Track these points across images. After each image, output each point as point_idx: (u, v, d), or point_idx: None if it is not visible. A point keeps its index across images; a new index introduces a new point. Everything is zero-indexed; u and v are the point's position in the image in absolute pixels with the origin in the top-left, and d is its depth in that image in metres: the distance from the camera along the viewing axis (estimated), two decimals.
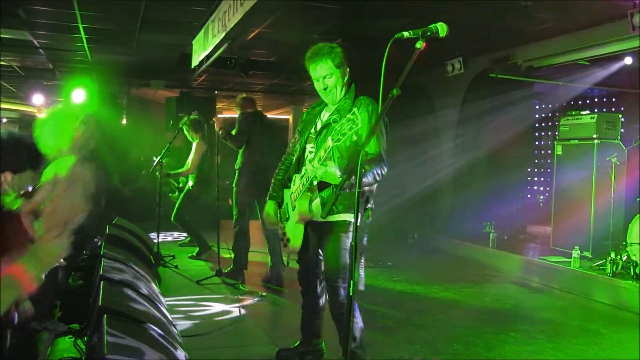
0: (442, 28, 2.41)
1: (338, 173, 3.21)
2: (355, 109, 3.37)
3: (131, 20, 7.42)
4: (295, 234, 3.63)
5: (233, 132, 6.59)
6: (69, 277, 5.11)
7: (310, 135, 3.67)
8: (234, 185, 6.64)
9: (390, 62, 2.41)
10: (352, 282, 2.22)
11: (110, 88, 12.34)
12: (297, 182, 3.60)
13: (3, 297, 1.61)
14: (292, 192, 3.68)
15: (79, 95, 9.71)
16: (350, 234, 3.46)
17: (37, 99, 11.96)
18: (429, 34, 2.40)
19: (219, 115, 7.07)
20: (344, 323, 2.79)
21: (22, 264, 1.68)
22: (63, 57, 10.34)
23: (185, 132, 7.97)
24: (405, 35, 2.39)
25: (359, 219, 2.63)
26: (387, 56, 2.38)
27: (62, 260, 4.75)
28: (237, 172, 6.64)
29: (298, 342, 4.07)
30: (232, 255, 6.57)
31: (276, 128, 7.53)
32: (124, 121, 14.12)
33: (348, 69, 3.59)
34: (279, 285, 6.31)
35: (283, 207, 3.80)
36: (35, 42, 8.80)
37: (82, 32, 8.06)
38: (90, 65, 10.74)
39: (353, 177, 2.87)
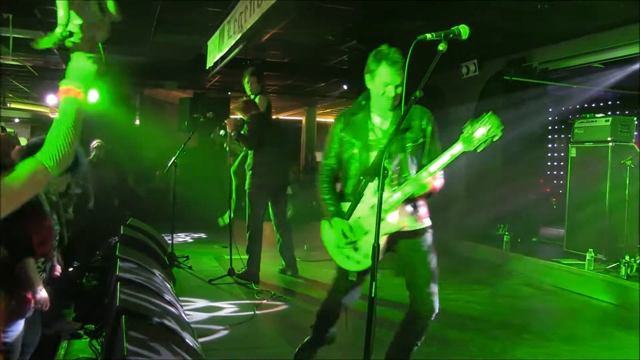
0: (464, 30, 2.42)
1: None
2: (417, 119, 3.28)
3: (146, 20, 7.46)
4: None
5: (242, 132, 6.61)
6: (83, 278, 5.13)
7: (369, 142, 3.31)
8: (246, 186, 6.67)
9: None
10: (374, 283, 2.22)
11: (123, 89, 12.41)
12: (371, 193, 3.10)
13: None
14: (372, 205, 3.18)
15: (92, 95, 9.76)
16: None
17: (51, 99, 12.04)
18: (451, 35, 2.42)
19: (231, 117, 7.02)
20: (367, 327, 2.55)
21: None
22: None
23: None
24: (428, 37, 2.41)
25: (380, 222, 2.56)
26: (410, 58, 2.39)
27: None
28: (249, 172, 6.68)
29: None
30: (246, 256, 6.60)
31: (284, 128, 7.49)
32: (137, 122, 14.21)
33: None
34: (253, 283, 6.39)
35: (354, 224, 3.33)
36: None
37: None
38: (104, 65, 10.79)
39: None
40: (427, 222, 3.37)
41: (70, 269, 5.21)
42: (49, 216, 3.38)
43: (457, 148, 2.98)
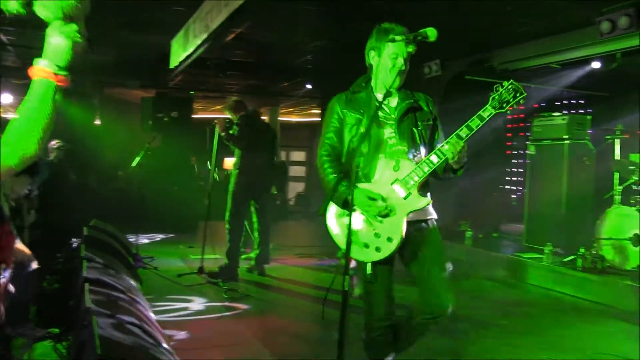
0: (432, 33, 2.50)
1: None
2: (422, 101, 3.20)
3: (108, 19, 7.37)
4: (401, 230, 2.98)
5: (231, 132, 6.72)
6: (44, 281, 5.05)
7: (381, 119, 3.09)
8: (231, 185, 6.77)
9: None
10: (347, 276, 2.27)
11: (83, 87, 12.20)
12: (405, 167, 3.01)
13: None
14: (396, 179, 3.01)
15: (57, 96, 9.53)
16: None
17: (6, 98, 11.76)
18: (419, 38, 2.48)
19: (218, 117, 7.10)
20: (339, 323, 2.45)
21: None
22: (33, 55, 10.17)
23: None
24: (397, 39, 2.45)
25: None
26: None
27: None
28: (235, 171, 6.80)
29: None
30: (215, 256, 6.66)
31: (270, 129, 7.52)
32: (98, 121, 13.98)
33: None
34: (228, 282, 6.43)
35: (379, 202, 3.00)
36: (4, 38, 8.67)
37: None
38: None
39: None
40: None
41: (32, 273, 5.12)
42: (9, 221, 3.33)
43: (487, 113, 2.97)
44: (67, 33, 1.57)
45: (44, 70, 1.54)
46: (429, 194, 3.10)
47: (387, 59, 3.01)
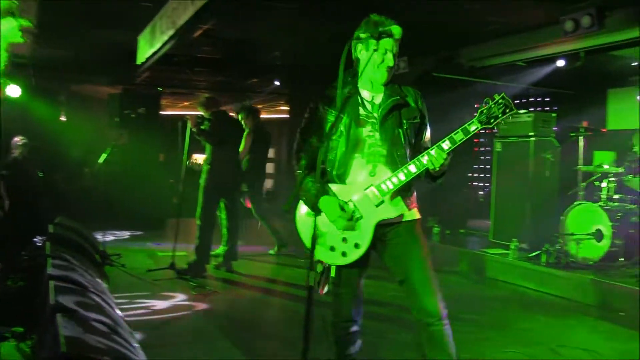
0: (396, 30, 2.50)
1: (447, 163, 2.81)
2: (411, 98, 3.00)
3: (73, 13, 7.27)
4: (369, 237, 2.88)
5: (203, 128, 6.67)
6: (7, 280, 4.98)
7: (361, 117, 2.93)
8: (202, 181, 6.75)
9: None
10: (311, 272, 2.27)
11: (48, 83, 12.00)
12: (381, 173, 2.87)
13: None
14: (371, 185, 2.87)
15: (14, 90, 9.35)
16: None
17: None
18: (384, 36, 2.48)
19: (191, 113, 7.16)
20: (304, 319, 2.39)
21: None
22: None
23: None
24: (362, 37, 2.45)
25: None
26: (338, 57, 2.41)
27: None
28: (206, 167, 6.79)
29: None
30: (183, 253, 6.65)
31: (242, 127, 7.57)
32: (64, 118, 13.77)
33: None
34: (196, 278, 6.44)
35: (347, 206, 2.89)
36: None
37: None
38: (27, 59, 10.43)
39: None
40: (417, 213, 3.04)
41: None
42: None
43: (473, 127, 2.79)
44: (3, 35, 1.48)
45: None
46: (408, 200, 2.93)
47: (376, 54, 2.85)
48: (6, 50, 1.38)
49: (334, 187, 2.88)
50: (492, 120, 2.76)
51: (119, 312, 3.90)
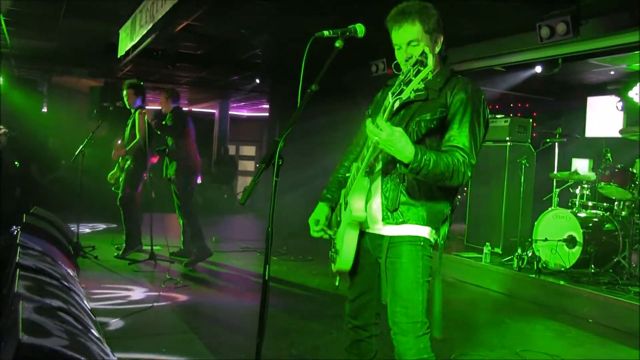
0: (360, 29, 2.51)
1: (409, 149, 2.24)
2: (448, 90, 2.49)
3: (55, 4, 7.24)
4: (344, 244, 2.60)
5: (164, 123, 6.83)
6: None
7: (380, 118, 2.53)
8: (176, 175, 6.92)
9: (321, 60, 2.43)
10: (267, 266, 2.28)
11: (30, 75, 11.94)
12: (352, 172, 2.64)
13: None
14: (347, 187, 2.68)
15: None
16: (427, 258, 2.55)
17: None
18: (347, 34, 2.49)
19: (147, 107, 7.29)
20: (260, 312, 2.28)
21: None
22: None
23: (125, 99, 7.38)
24: (325, 34, 2.46)
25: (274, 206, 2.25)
26: (308, 54, 2.42)
27: None
28: (175, 162, 6.95)
29: None
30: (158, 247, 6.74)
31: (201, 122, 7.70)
32: (45, 109, 13.69)
33: (442, 38, 2.68)
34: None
35: (336, 210, 2.82)
36: None
37: None
38: (8, 49, 10.36)
39: (431, 168, 2.28)
40: (419, 230, 2.52)
41: None
42: None
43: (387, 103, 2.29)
44: None
45: None
46: (402, 212, 2.50)
47: (395, 49, 2.64)
48: None
49: (343, 191, 2.75)
50: (404, 88, 2.14)
51: (85, 302, 3.91)
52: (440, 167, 2.32)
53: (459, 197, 2.85)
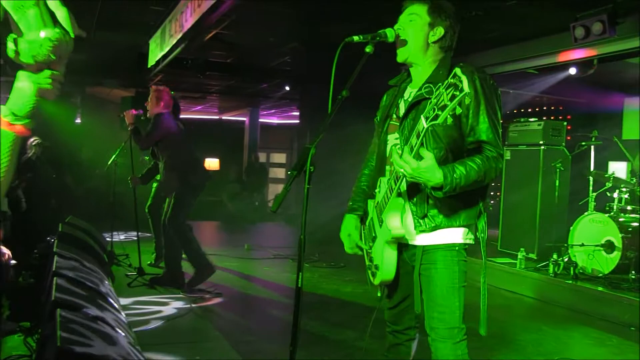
0: (390, 34, 2.49)
1: (437, 176, 2.23)
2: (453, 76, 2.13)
3: (87, 18, 7.38)
4: (384, 260, 2.55)
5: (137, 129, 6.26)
6: (19, 276, 5.06)
7: (391, 122, 2.62)
8: (176, 186, 6.15)
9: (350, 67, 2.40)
10: (300, 273, 2.27)
11: (63, 86, 12.15)
12: (383, 189, 2.56)
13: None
14: (377, 202, 2.62)
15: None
16: (463, 263, 2.56)
17: None
18: (377, 38, 2.47)
19: (132, 110, 6.52)
20: (293, 320, 2.25)
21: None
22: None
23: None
24: (355, 40, 2.44)
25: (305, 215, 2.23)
26: (339, 60, 2.41)
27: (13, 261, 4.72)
28: (174, 172, 6.18)
29: None
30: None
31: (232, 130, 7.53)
32: (79, 120, 13.94)
33: (452, 32, 2.54)
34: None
35: (367, 223, 2.74)
36: None
37: None
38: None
39: (464, 183, 2.28)
40: (453, 236, 2.50)
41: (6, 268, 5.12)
42: None
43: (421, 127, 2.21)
44: (35, 80, 1.48)
45: (2, 119, 1.46)
46: (432, 217, 2.45)
47: None
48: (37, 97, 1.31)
49: (370, 202, 2.71)
50: (439, 113, 2.06)
51: (119, 310, 3.94)
52: (472, 176, 2.30)
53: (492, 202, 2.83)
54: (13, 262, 5.53)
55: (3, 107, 1.46)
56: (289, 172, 2.88)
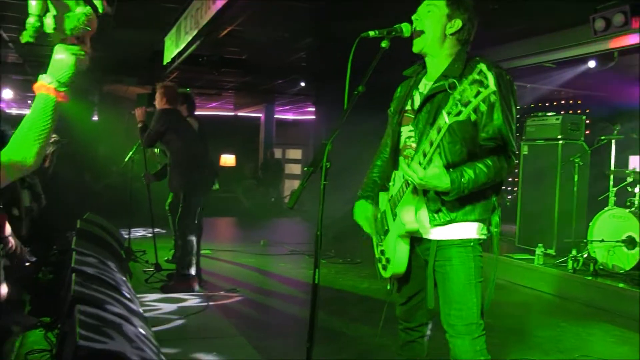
0: (406, 28, 2.47)
1: (444, 182, 2.27)
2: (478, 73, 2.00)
3: (103, 16, 7.41)
4: (396, 253, 2.55)
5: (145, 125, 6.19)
6: (39, 272, 5.12)
7: (405, 114, 2.61)
8: (182, 184, 6.06)
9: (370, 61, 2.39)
10: (317, 270, 2.27)
11: (81, 84, 12.24)
12: (397, 183, 2.54)
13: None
14: (391, 196, 2.60)
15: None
16: (479, 259, 2.51)
17: (7, 93, 11.86)
18: (393, 33, 2.45)
19: (144, 107, 6.50)
20: (310, 316, 2.24)
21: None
22: (33, 52, 10.27)
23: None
24: (370, 35, 2.43)
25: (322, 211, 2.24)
26: (355, 55, 2.40)
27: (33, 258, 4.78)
28: (179, 170, 6.11)
29: None
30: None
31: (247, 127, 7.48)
32: (96, 117, 14.04)
33: (470, 26, 2.52)
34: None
35: (379, 217, 2.72)
36: (5, 36, 8.74)
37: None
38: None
39: (472, 186, 2.30)
40: (467, 231, 2.48)
41: (27, 264, 5.18)
42: None
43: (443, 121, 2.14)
44: (73, 50, 1.66)
45: (46, 86, 1.62)
46: (446, 211, 2.43)
47: None
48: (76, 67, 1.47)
49: (383, 195, 2.72)
50: (462, 109, 2.01)
51: (138, 306, 3.97)
52: (481, 179, 2.33)
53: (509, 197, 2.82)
54: (33, 258, 5.61)
55: (45, 76, 1.63)
56: (305, 168, 2.87)
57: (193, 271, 5.93)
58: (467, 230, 2.46)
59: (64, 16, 1.62)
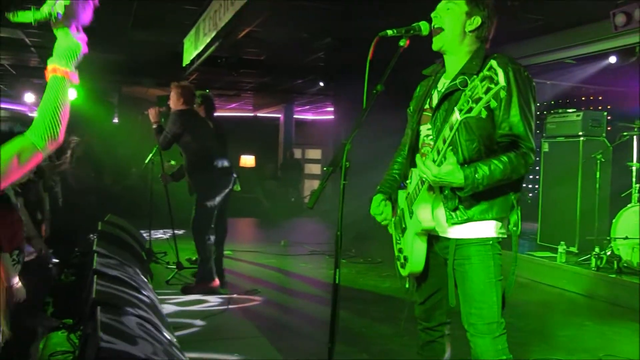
0: (424, 27, 2.45)
1: (458, 177, 2.26)
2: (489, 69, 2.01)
3: (123, 18, 7.48)
4: (414, 251, 2.55)
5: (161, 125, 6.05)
6: (61, 274, 5.17)
7: (424, 112, 2.61)
8: (199, 185, 6.04)
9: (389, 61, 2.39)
10: (338, 270, 2.26)
11: (101, 86, 12.36)
12: (414, 181, 2.54)
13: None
14: (408, 193, 2.61)
15: (71, 93, 9.68)
16: (498, 257, 2.48)
17: (29, 97, 12.02)
18: (411, 32, 2.43)
19: (157, 107, 6.27)
20: (331, 316, 2.24)
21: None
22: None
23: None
24: (389, 34, 2.41)
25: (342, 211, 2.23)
26: (372, 54, 2.38)
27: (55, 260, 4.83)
28: (195, 170, 6.06)
29: None
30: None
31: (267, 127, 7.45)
32: (116, 119, 14.16)
33: (489, 23, 2.51)
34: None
35: (398, 214, 2.71)
36: (27, 40, 8.85)
37: None
38: (81, 63, 10.72)
39: (487, 182, 2.29)
40: (486, 229, 2.45)
41: (50, 266, 5.24)
42: (16, 209, 3.40)
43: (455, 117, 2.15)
44: (74, 36, 1.73)
45: (59, 68, 1.66)
46: (464, 209, 2.41)
47: None
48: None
49: (401, 193, 2.72)
50: (473, 105, 2.01)
51: (159, 307, 3.99)
52: (496, 176, 2.30)
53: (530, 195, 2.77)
54: (55, 260, 5.66)
55: (54, 59, 1.67)
56: (324, 168, 2.84)
57: (214, 275, 5.91)
58: (486, 228, 2.44)
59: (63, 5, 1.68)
